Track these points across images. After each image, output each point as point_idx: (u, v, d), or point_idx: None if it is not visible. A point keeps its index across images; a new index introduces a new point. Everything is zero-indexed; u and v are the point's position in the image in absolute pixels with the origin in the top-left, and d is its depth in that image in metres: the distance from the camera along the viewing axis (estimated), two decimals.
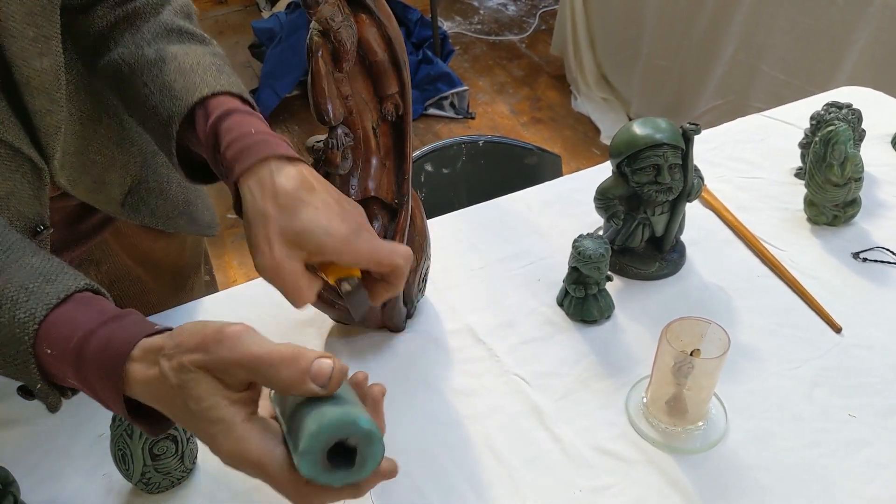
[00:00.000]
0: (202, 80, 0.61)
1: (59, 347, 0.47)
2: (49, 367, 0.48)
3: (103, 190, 0.75)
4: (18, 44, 0.59)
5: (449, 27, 3.50)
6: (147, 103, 0.62)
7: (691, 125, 0.80)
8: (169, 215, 0.83)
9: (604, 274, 0.79)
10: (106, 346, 0.46)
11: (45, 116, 0.64)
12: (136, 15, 0.67)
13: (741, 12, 2.06)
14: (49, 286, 0.48)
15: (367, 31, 0.69)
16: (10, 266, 0.49)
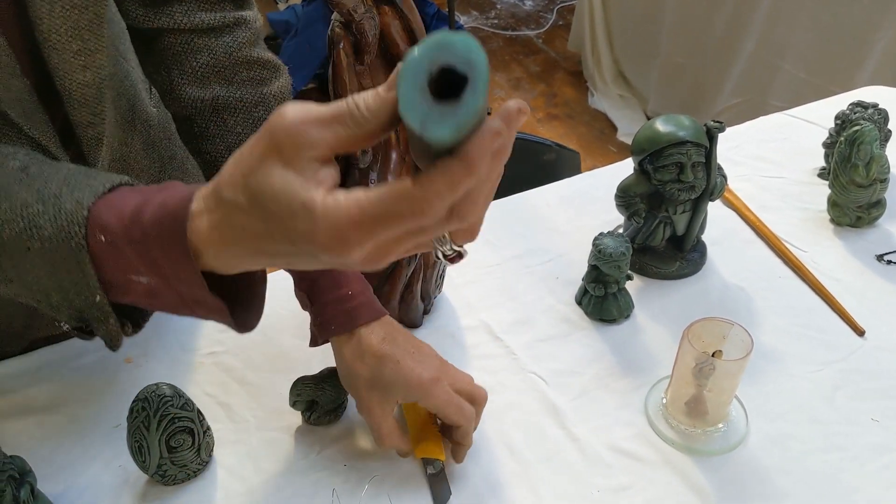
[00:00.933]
0: None
1: (113, 230, 0.42)
2: (106, 264, 0.43)
3: None
4: (61, 56, 0.59)
5: (465, 21, 3.49)
6: None
7: (715, 123, 0.79)
8: None
9: (624, 273, 0.78)
10: (161, 211, 0.41)
11: (86, 129, 0.64)
12: (225, 110, 0.68)
13: (762, 9, 2.03)
14: (91, 180, 0.45)
15: (389, 24, 0.69)
16: (45, 173, 0.46)
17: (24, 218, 0.43)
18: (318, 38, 2.74)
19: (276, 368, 0.77)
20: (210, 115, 0.67)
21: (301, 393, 0.69)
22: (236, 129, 0.67)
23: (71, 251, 0.42)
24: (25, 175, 0.46)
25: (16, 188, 0.45)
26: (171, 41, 0.67)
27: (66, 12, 0.57)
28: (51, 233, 0.43)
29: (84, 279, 0.43)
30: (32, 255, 0.44)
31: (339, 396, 0.71)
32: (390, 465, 0.68)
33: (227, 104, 0.67)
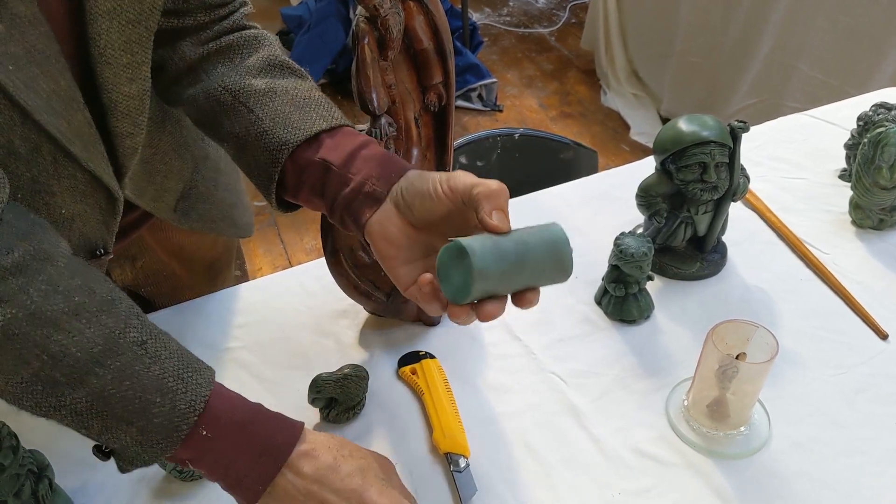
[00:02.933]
0: (318, 115, 0.62)
1: (218, 429, 0.52)
2: (195, 446, 0.52)
3: (162, 198, 0.77)
4: (112, 70, 0.60)
5: (478, 18, 3.48)
6: (252, 129, 0.63)
7: (739, 123, 0.78)
8: (214, 219, 0.84)
9: (645, 273, 0.78)
10: (267, 428, 0.54)
11: (125, 139, 0.65)
12: (231, 49, 0.68)
13: (779, 10, 2.01)
14: (199, 376, 0.53)
15: (414, 19, 0.68)
16: (160, 353, 0.53)
17: (140, 402, 0.50)
18: (330, 34, 2.74)
19: (294, 366, 0.77)
20: (216, 57, 0.69)
21: (321, 390, 0.69)
22: (245, 61, 0.68)
23: (169, 440, 0.51)
24: (144, 352, 0.51)
25: (136, 367, 0.51)
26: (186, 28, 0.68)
27: (123, 27, 0.58)
28: (160, 422, 0.51)
29: (159, 453, 0.52)
30: (132, 428, 0.51)
31: (358, 394, 0.71)
32: (412, 463, 0.67)
33: (230, 45, 0.69)
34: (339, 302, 0.81)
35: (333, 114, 0.63)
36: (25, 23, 0.51)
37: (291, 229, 2.30)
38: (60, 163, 0.59)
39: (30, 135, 0.55)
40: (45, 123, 0.54)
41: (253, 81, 0.65)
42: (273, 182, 0.62)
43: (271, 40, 0.71)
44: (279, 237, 2.29)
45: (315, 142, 0.61)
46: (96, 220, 0.66)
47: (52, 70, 0.54)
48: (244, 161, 0.66)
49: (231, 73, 0.66)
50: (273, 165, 0.61)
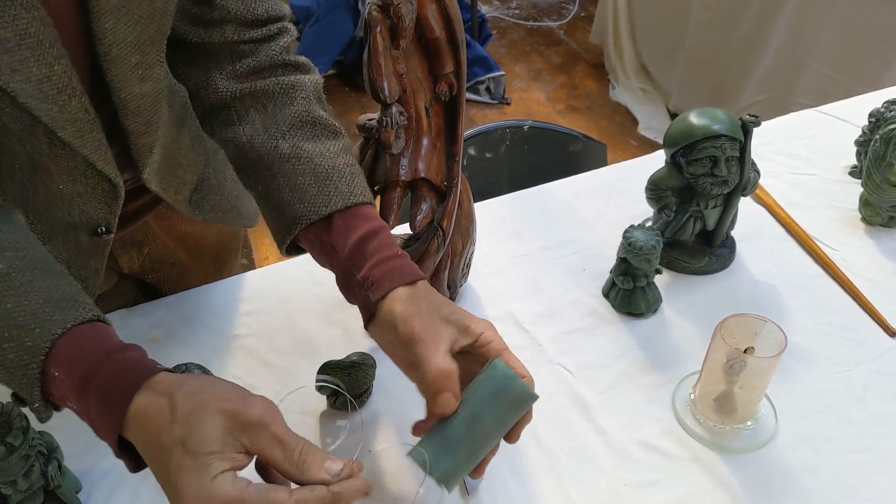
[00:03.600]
0: (336, 190, 0.62)
1: (67, 373, 0.49)
2: (52, 389, 0.50)
3: (181, 190, 0.77)
4: (120, 69, 0.59)
5: (487, 11, 3.46)
6: (273, 195, 0.63)
7: (751, 117, 0.78)
8: (223, 210, 0.84)
9: (654, 266, 0.78)
10: (116, 373, 0.49)
11: (138, 137, 0.65)
12: (265, 94, 0.67)
13: (790, 5, 2.00)
14: (59, 313, 0.50)
15: (426, 8, 0.68)
16: (24, 286, 0.51)
17: None
18: (338, 25, 2.73)
19: (302, 353, 0.77)
20: (250, 101, 0.68)
21: (327, 377, 0.69)
22: (277, 115, 0.67)
23: (26, 377, 0.49)
24: (4, 285, 0.51)
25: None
26: (218, 49, 0.68)
27: (130, 27, 0.58)
28: (13, 358, 0.49)
29: (31, 394, 0.50)
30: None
31: (365, 381, 0.71)
32: None
33: (265, 91, 0.67)
34: None
35: (352, 188, 0.63)
36: (18, 6, 0.51)
37: None
38: (56, 145, 0.59)
39: (20, 115, 0.55)
40: (32, 108, 0.54)
41: (280, 144, 0.65)
42: (284, 245, 0.64)
43: (308, 87, 0.69)
44: None
45: (328, 222, 0.61)
46: (97, 200, 0.66)
47: (45, 55, 0.53)
48: (264, 212, 0.67)
49: (261, 128, 0.66)
50: (286, 233, 0.63)
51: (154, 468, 0.48)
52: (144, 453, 0.48)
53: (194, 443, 0.45)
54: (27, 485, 0.60)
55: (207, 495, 0.44)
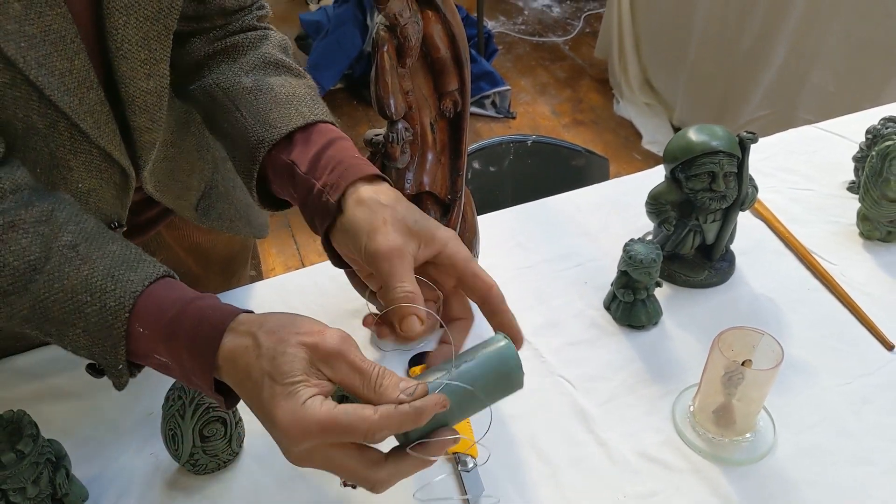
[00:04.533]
0: (297, 112, 0.63)
1: (152, 327, 0.51)
2: (136, 347, 0.52)
3: (185, 196, 0.79)
4: (129, 64, 0.62)
5: (493, 26, 3.50)
6: (237, 126, 0.64)
7: (748, 134, 0.79)
8: (232, 218, 0.86)
9: (654, 279, 0.79)
10: (200, 320, 0.50)
11: (143, 133, 0.67)
12: (234, 48, 0.70)
13: (793, 19, 2.02)
14: (132, 273, 0.53)
15: (432, 28, 0.70)
16: (92, 255, 0.53)
17: (73, 303, 0.52)
18: (347, 40, 2.77)
19: None
20: (220, 56, 0.71)
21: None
22: (242, 59, 0.70)
23: (111, 338, 0.51)
24: (76, 254, 0.53)
25: (66, 269, 0.52)
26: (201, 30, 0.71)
27: (139, 23, 0.60)
28: (96, 321, 0.51)
29: (115, 356, 0.52)
30: (77, 329, 0.52)
31: None
32: None
33: (234, 45, 0.70)
34: (352, 301, 0.83)
35: (313, 109, 0.64)
36: (42, 3, 0.54)
37: (305, 230, 2.32)
38: (76, 138, 0.61)
39: (46, 111, 0.58)
40: (56, 100, 0.57)
41: (243, 79, 0.67)
42: (252, 179, 0.64)
43: (274, 39, 0.72)
44: (293, 238, 2.32)
45: (289, 141, 0.62)
46: (111, 194, 0.68)
47: (66, 50, 0.56)
48: (233, 158, 0.67)
49: (227, 71, 0.68)
50: (252, 163, 0.63)
51: (248, 402, 0.50)
52: (238, 390, 0.50)
53: (281, 374, 0.47)
54: (36, 492, 0.61)
55: (302, 417, 0.46)
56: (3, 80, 0.54)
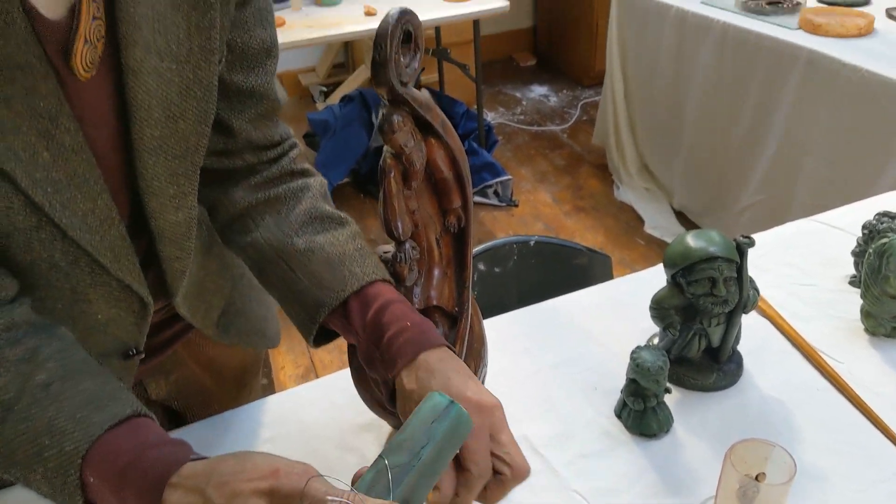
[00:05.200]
0: (350, 273, 0.67)
1: (102, 476, 0.50)
2: (91, 493, 0.51)
3: (209, 315, 0.81)
4: (159, 200, 0.65)
5: (492, 118, 3.62)
6: (293, 287, 0.68)
7: (745, 238, 0.81)
8: (249, 333, 0.88)
9: (662, 386, 0.79)
10: (144, 475, 0.49)
11: (173, 262, 0.70)
12: (277, 200, 0.73)
13: (783, 109, 2.09)
14: (97, 414, 0.52)
15: (435, 153, 0.73)
16: (64, 393, 0.54)
17: (35, 446, 0.51)
18: (354, 138, 2.87)
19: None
20: (264, 208, 0.73)
21: None
22: (289, 215, 0.73)
23: (66, 486, 0.50)
24: (46, 394, 0.53)
25: (34, 410, 0.52)
26: (236, 171, 0.74)
27: (168, 162, 0.64)
28: (54, 466, 0.50)
29: (73, 501, 0.51)
30: (37, 475, 0.51)
31: None
32: None
33: (277, 197, 0.73)
34: (363, 415, 0.83)
35: (364, 269, 0.68)
36: (69, 151, 0.57)
37: None
38: (96, 273, 0.63)
39: (69, 249, 0.60)
40: (79, 240, 0.59)
41: (295, 240, 0.70)
42: (311, 336, 0.67)
43: (314, 188, 0.75)
44: None
45: (345, 305, 0.66)
46: (130, 322, 0.70)
47: (90, 191, 0.59)
48: (287, 310, 0.71)
49: (275, 229, 0.71)
50: (311, 323, 0.67)
51: None
52: None
53: None
54: None
55: None
56: (30, 223, 0.57)
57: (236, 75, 0.68)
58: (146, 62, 0.57)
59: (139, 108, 0.59)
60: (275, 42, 0.71)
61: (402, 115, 0.68)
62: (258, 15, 0.68)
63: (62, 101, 0.54)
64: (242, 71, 0.69)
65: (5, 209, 0.55)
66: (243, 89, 0.69)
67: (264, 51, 0.69)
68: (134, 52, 0.57)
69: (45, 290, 0.61)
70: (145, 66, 0.57)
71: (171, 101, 0.60)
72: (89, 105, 0.57)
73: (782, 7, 2.21)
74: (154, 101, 0.59)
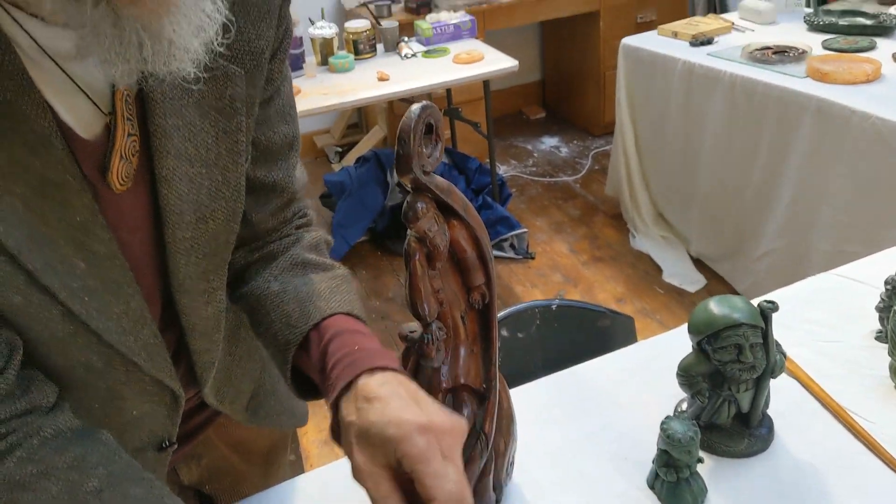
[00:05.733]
0: (315, 308, 0.67)
1: None
2: None
3: (238, 399, 0.83)
4: (190, 297, 0.67)
5: (505, 171, 3.66)
6: (270, 331, 0.69)
7: (768, 304, 0.82)
8: (278, 413, 0.89)
9: (695, 457, 0.79)
10: None
11: (202, 355, 0.72)
12: (270, 255, 0.76)
13: (796, 157, 2.10)
14: None
15: (457, 234, 0.75)
16: (114, 500, 0.55)
17: None
18: (370, 197, 2.92)
19: None
20: (261, 263, 0.75)
21: None
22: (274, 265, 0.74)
23: None
24: (99, 501, 0.55)
25: None
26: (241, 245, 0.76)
27: (199, 260, 0.66)
28: None
29: None
30: None
31: None
32: None
33: (272, 252, 0.75)
34: None
35: (329, 303, 0.67)
36: (103, 259, 0.59)
37: None
38: (131, 371, 0.65)
39: (104, 351, 0.62)
40: (114, 342, 0.61)
41: (272, 284, 0.71)
42: (287, 378, 0.67)
43: (305, 240, 0.77)
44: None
45: (307, 339, 0.66)
46: (162, 415, 0.71)
47: (123, 295, 0.61)
48: (270, 356, 0.71)
49: (259, 279, 0.73)
50: (284, 363, 0.67)
51: None
52: None
53: None
54: None
55: None
56: (68, 331, 0.58)
57: (259, 170, 0.71)
58: (178, 170, 0.60)
59: (171, 213, 0.61)
60: (297, 135, 0.74)
61: (426, 201, 0.70)
62: (282, 111, 0.71)
63: (96, 213, 0.57)
64: (265, 166, 0.71)
65: (45, 320, 0.56)
66: (266, 184, 0.72)
67: (287, 145, 0.72)
68: (166, 161, 0.59)
69: (81, 391, 0.63)
70: (177, 174, 0.60)
71: (202, 203, 0.63)
72: (123, 213, 0.60)
73: (788, 56, 2.24)
74: (186, 206, 0.62)
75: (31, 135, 0.51)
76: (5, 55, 0.49)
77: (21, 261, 0.53)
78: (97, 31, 0.45)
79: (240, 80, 0.62)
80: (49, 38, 0.50)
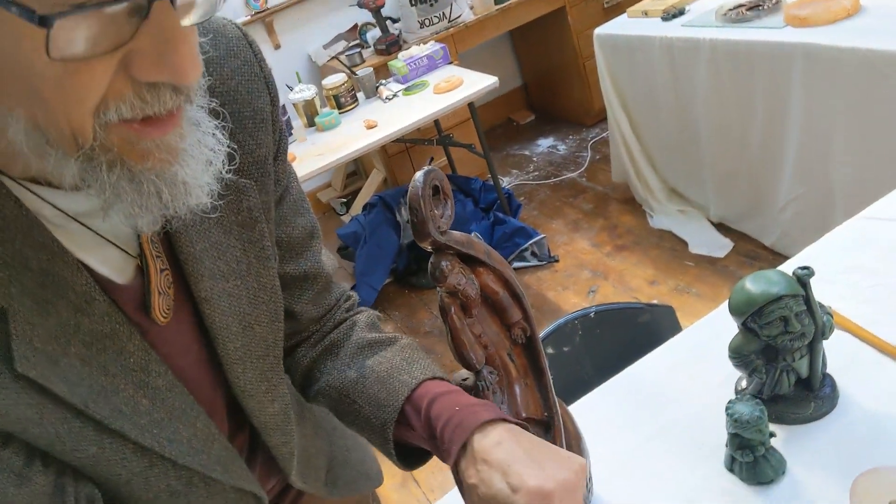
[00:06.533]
0: (400, 383, 0.70)
1: None
2: None
3: (317, 477, 0.85)
4: (254, 399, 0.70)
5: (508, 182, 3.68)
6: (360, 415, 0.72)
7: (803, 269, 0.82)
8: (355, 480, 0.91)
9: (766, 434, 0.79)
10: None
11: (280, 448, 0.75)
12: (332, 345, 0.78)
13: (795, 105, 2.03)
14: None
15: (485, 279, 0.77)
16: None
17: None
18: (385, 240, 2.95)
19: None
20: (324, 356, 0.78)
21: None
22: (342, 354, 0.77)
23: None
24: None
25: None
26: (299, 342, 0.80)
27: (254, 364, 0.69)
28: None
29: None
30: None
31: None
32: None
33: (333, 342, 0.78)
34: None
35: (412, 375, 0.70)
36: (164, 391, 0.61)
37: None
38: (210, 485, 0.67)
39: (182, 474, 0.64)
40: (189, 464, 0.63)
41: (347, 372, 0.74)
42: (392, 457, 0.70)
43: (361, 321, 0.80)
44: None
45: (404, 415, 0.69)
46: None
47: (189, 418, 0.63)
48: (369, 441, 0.74)
49: (333, 371, 0.76)
50: (386, 444, 0.69)
51: None
52: None
53: None
54: None
55: None
56: (144, 464, 0.61)
57: (288, 266, 0.74)
58: (215, 289, 0.63)
59: (218, 329, 0.64)
60: (315, 224, 0.76)
61: (449, 259, 0.72)
62: (294, 206, 0.74)
63: (148, 350, 0.59)
64: (293, 260, 0.74)
65: (120, 460, 0.59)
66: (297, 276, 0.75)
67: (307, 235, 0.75)
68: (203, 283, 0.62)
69: None
70: (215, 293, 0.63)
71: (245, 312, 0.66)
72: (172, 342, 0.63)
73: (763, 9, 2.23)
74: (230, 319, 0.64)
75: (73, 295, 0.54)
76: (33, 229, 0.52)
77: (89, 413, 0.55)
78: (117, 191, 0.48)
79: (252, 191, 0.64)
80: (71, 202, 0.53)
